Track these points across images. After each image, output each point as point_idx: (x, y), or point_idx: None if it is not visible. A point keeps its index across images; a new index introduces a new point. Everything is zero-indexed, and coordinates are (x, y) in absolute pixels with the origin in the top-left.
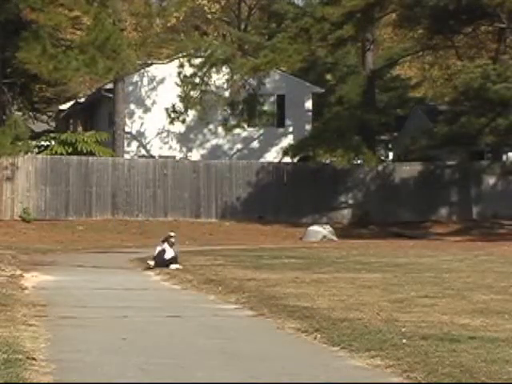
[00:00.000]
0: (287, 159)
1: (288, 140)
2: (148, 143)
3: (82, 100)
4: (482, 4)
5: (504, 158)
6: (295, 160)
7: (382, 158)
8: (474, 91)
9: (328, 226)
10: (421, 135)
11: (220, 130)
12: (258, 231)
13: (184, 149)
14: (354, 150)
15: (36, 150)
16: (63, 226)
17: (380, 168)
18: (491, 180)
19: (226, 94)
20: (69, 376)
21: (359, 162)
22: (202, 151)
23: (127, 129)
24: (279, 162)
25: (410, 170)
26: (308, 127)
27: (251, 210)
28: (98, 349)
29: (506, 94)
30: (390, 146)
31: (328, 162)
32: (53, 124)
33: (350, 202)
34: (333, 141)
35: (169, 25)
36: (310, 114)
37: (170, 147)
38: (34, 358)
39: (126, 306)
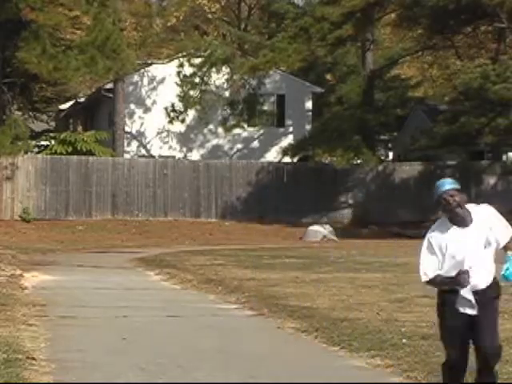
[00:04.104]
0: (287, 159)
1: (288, 140)
2: (148, 143)
3: (82, 100)
4: (481, 4)
5: (504, 157)
6: (295, 160)
7: (382, 157)
8: (473, 91)
9: (328, 226)
10: (421, 135)
11: (220, 130)
12: (257, 231)
13: (184, 149)
14: (354, 149)
15: (36, 149)
16: (63, 225)
17: (380, 168)
18: (491, 180)
19: (226, 93)
20: (69, 376)
21: (359, 161)
22: (202, 151)
23: (127, 129)
24: (279, 162)
25: (409, 169)
26: (308, 127)
27: (251, 210)
28: (98, 349)
29: (505, 94)
30: (390, 145)
31: (328, 161)
32: (53, 124)
33: (350, 201)
34: (332, 141)
35: (169, 25)
36: (310, 113)
37: (170, 147)
38: (33, 358)
39: (126, 306)
